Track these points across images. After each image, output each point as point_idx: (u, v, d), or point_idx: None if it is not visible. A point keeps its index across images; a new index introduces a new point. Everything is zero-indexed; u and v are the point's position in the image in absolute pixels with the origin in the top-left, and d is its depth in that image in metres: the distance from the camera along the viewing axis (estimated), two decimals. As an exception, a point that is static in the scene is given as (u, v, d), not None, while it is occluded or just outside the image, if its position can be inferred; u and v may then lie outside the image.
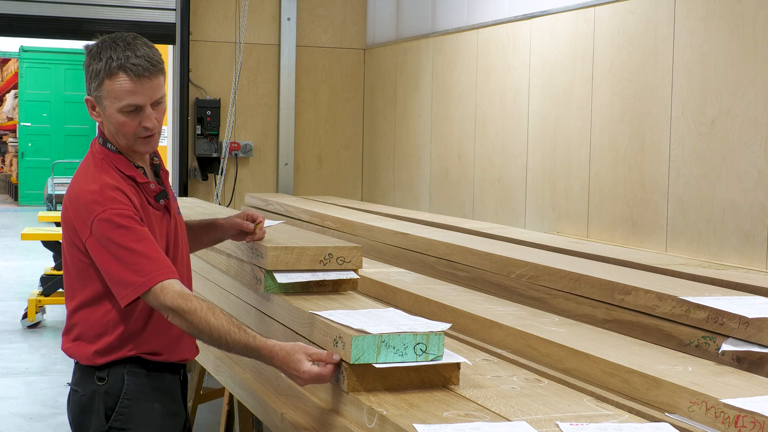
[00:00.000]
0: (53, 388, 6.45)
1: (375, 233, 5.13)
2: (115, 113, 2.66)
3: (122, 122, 2.66)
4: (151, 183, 2.78)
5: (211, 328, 2.55)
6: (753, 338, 2.78)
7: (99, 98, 2.67)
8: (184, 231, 2.94)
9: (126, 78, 2.62)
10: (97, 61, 2.65)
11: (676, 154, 4.69)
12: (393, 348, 2.45)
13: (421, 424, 2.20)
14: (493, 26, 6.31)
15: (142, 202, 2.72)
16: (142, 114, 2.66)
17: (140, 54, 2.63)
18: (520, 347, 3.15)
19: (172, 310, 2.56)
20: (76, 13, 7.56)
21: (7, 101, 24.10)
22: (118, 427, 2.71)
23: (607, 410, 2.40)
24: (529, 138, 5.91)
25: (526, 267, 3.80)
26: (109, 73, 2.63)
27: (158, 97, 2.68)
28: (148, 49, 2.67)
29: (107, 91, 2.64)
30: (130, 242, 2.59)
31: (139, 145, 2.72)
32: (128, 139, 2.70)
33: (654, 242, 4.84)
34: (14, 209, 20.63)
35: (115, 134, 2.72)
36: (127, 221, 2.61)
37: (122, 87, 2.62)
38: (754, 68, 4.24)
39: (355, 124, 8.36)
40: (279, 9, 8.10)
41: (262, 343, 2.54)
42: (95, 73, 2.65)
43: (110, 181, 2.66)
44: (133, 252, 2.59)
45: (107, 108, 2.66)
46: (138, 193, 2.73)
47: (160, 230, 2.76)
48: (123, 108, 2.64)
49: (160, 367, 2.79)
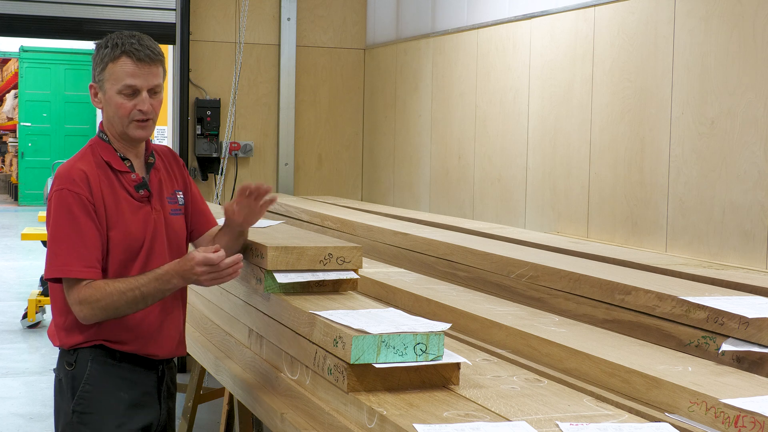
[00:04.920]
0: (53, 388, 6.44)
1: (375, 233, 5.13)
2: (114, 95, 2.84)
3: (119, 104, 2.84)
4: (132, 173, 2.91)
5: (121, 294, 2.75)
6: (753, 338, 2.78)
7: (101, 82, 2.86)
8: (179, 231, 3.04)
9: (128, 60, 2.82)
10: (104, 48, 2.86)
11: (676, 154, 4.69)
12: (393, 348, 2.45)
13: (421, 424, 2.20)
14: (493, 26, 6.31)
15: (114, 189, 2.85)
16: (139, 97, 2.84)
17: (144, 44, 2.85)
18: (520, 347, 3.15)
19: (79, 303, 2.75)
20: (76, 13, 7.55)
21: (7, 101, 24.09)
22: (80, 410, 2.85)
23: (607, 410, 2.40)
24: (529, 138, 5.91)
25: (526, 267, 3.80)
26: (113, 58, 2.83)
27: (155, 84, 2.87)
28: (151, 43, 2.89)
29: (109, 73, 2.84)
30: (66, 227, 2.76)
31: (133, 129, 2.87)
32: (123, 122, 2.86)
33: (654, 242, 4.84)
34: (14, 209, 20.63)
35: (112, 119, 2.88)
36: (74, 207, 2.76)
37: (123, 69, 2.82)
38: (754, 68, 4.24)
39: (355, 124, 8.36)
40: (279, 9, 8.10)
41: (162, 269, 2.78)
42: (101, 59, 2.86)
43: (81, 165, 2.84)
44: (64, 237, 2.76)
45: (108, 91, 2.85)
46: (111, 179, 2.86)
47: (135, 220, 2.87)
48: (121, 89, 2.83)
49: (130, 358, 2.89)
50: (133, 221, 2.87)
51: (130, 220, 2.87)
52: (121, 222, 2.85)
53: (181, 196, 3.07)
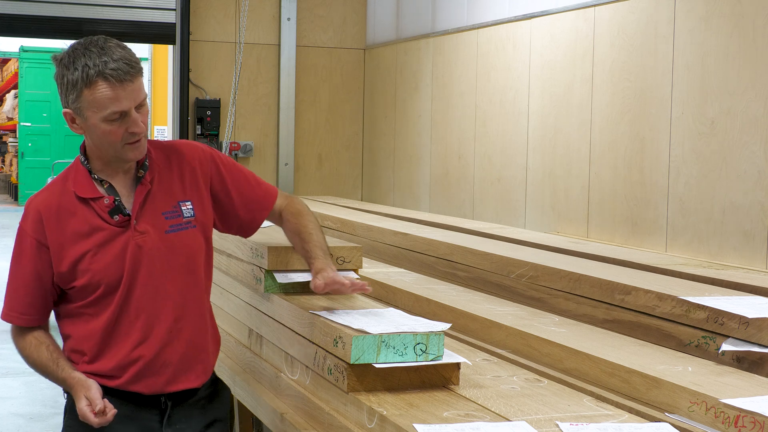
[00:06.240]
0: (53, 388, 6.44)
1: (375, 233, 5.13)
2: (99, 123, 2.51)
3: (107, 131, 2.52)
4: (104, 198, 2.59)
5: (36, 365, 2.65)
6: (753, 338, 2.78)
7: (79, 110, 2.52)
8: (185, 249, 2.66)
9: (106, 85, 2.46)
10: (71, 71, 2.49)
11: (676, 154, 4.69)
12: (393, 348, 2.45)
13: (421, 424, 2.20)
14: (493, 26, 6.30)
15: (85, 220, 2.58)
16: (128, 119, 2.51)
17: (117, 57, 2.47)
18: (520, 347, 3.15)
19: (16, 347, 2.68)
20: (76, 13, 7.55)
21: (7, 101, 24.09)
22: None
23: (607, 410, 2.40)
24: (529, 138, 5.91)
25: (526, 267, 3.80)
26: (87, 83, 2.47)
27: (141, 99, 2.53)
28: (123, 51, 2.51)
29: (87, 101, 2.49)
30: (12, 266, 2.67)
31: (128, 152, 2.57)
32: (115, 148, 2.55)
33: (654, 242, 4.84)
34: (14, 209, 20.62)
35: (99, 145, 2.58)
36: (21, 245, 2.64)
37: (104, 95, 2.47)
38: (754, 68, 4.24)
39: (355, 124, 8.36)
40: (279, 9, 8.10)
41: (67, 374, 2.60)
42: (71, 84, 2.50)
43: (40, 199, 2.65)
44: (9, 277, 2.67)
45: (89, 118, 2.51)
46: (79, 210, 2.59)
47: (112, 247, 2.58)
48: (107, 117, 2.49)
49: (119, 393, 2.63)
50: (102, 258, 2.56)
51: (99, 259, 2.56)
52: (84, 263, 2.56)
53: (189, 207, 2.68)
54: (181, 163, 2.72)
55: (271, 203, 2.90)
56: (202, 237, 2.71)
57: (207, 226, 2.74)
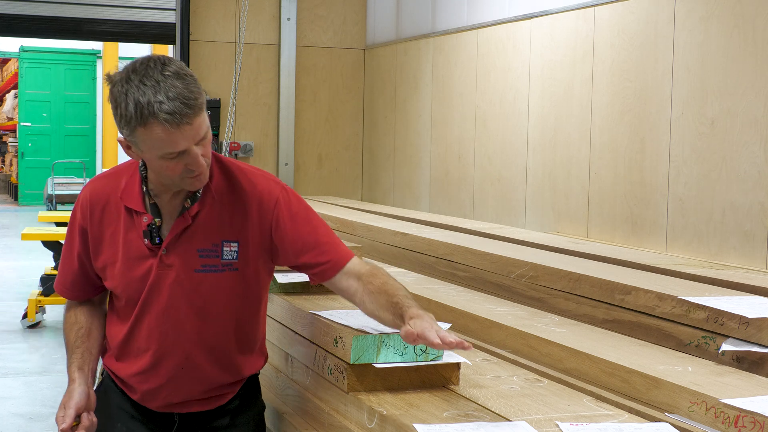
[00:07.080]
0: (53, 388, 6.44)
1: (375, 233, 5.13)
2: (155, 159, 2.33)
3: (164, 166, 2.33)
4: (144, 216, 2.47)
5: (64, 342, 2.64)
6: (753, 338, 2.78)
7: (134, 143, 2.32)
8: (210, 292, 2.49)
9: (161, 129, 2.24)
10: (124, 104, 2.25)
11: (676, 154, 4.69)
12: (393, 348, 2.45)
13: (421, 424, 2.20)
14: (493, 26, 6.31)
15: (131, 227, 2.48)
16: (187, 156, 2.31)
17: (173, 96, 2.22)
18: (520, 347, 3.15)
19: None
20: (76, 13, 7.56)
21: (7, 101, 24.10)
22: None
23: (607, 410, 2.40)
24: (529, 138, 5.91)
25: (526, 267, 3.80)
26: (141, 122, 2.24)
27: (202, 135, 2.31)
28: (181, 86, 2.25)
29: (141, 138, 2.28)
30: (65, 237, 2.67)
31: (189, 184, 2.39)
32: (174, 180, 2.38)
33: (654, 242, 4.84)
34: (14, 209, 20.62)
35: (159, 176, 2.41)
36: (72, 224, 2.63)
37: (158, 137, 2.26)
38: (754, 68, 4.24)
39: (355, 124, 8.36)
40: (279, 9, 8.10)
41: (70, 369, 2.60)
42: (125, 119, 2.27)
43: (100, 184, 2.56)
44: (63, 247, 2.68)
45: (145, 152, 2.33)
46: (123, 214, 2.50)
47: (139, 266, 2.48)
48: (164, 156, 2.30)
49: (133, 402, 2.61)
50: (128, 273, 2.49)
51: (125, 272, 2.49)
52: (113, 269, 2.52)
53: (232, 249, 2.48)
54: (243, 199, 2.50)
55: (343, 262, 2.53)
56: (243, 282, 2.52)
57: (255, 270, 2.54)
